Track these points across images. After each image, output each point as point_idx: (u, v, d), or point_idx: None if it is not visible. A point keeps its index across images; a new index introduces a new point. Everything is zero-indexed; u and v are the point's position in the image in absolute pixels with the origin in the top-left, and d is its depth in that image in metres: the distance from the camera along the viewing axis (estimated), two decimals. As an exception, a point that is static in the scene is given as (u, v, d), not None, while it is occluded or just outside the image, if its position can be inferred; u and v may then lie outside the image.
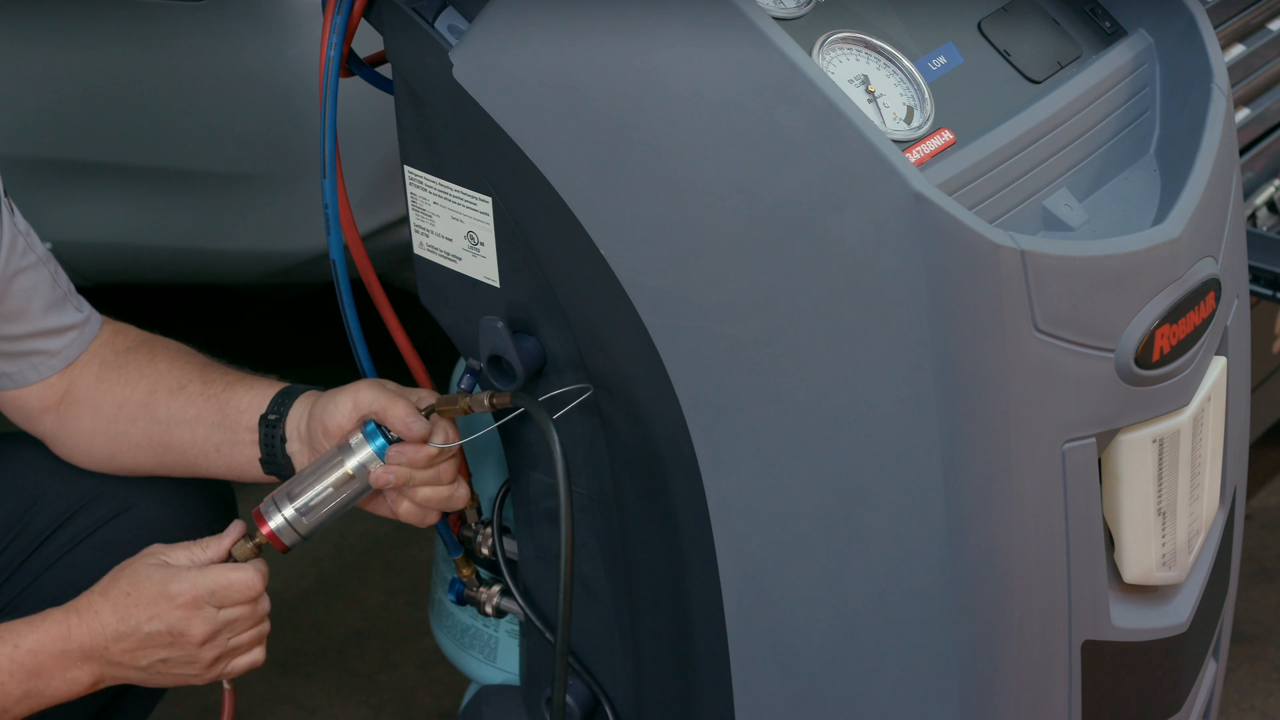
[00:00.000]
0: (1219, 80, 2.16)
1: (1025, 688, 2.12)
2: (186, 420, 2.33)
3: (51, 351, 2.35)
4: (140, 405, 2.35)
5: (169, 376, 2.35)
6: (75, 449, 2.40)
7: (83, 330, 2.37)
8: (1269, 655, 3.16)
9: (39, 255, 2.33)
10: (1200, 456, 2.18)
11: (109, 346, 2.38)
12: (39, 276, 2.32)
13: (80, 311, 2.38)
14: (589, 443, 2.19)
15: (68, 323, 2.36)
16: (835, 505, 2.06)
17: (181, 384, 2.34)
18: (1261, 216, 2.82)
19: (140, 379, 2.35)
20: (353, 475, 2.20)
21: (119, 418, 2.36)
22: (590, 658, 2.32)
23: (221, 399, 2.32)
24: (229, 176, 3.05)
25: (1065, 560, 2.08)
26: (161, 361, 2.36)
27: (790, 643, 2.15)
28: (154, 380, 2.35)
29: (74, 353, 2.36)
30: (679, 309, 2.04)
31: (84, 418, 2.37)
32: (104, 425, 2.37)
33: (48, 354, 2.35)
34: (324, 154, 2.15)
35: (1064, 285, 1.98)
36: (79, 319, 2.37)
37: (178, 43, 2.98)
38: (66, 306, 2.36)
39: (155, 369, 2.36)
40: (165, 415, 2.34)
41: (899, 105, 2.05)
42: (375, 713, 3.09)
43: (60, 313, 2.35)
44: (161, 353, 2.38)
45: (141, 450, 2.37)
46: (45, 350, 2.35)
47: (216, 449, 2.32)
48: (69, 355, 2.36)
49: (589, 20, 2.00)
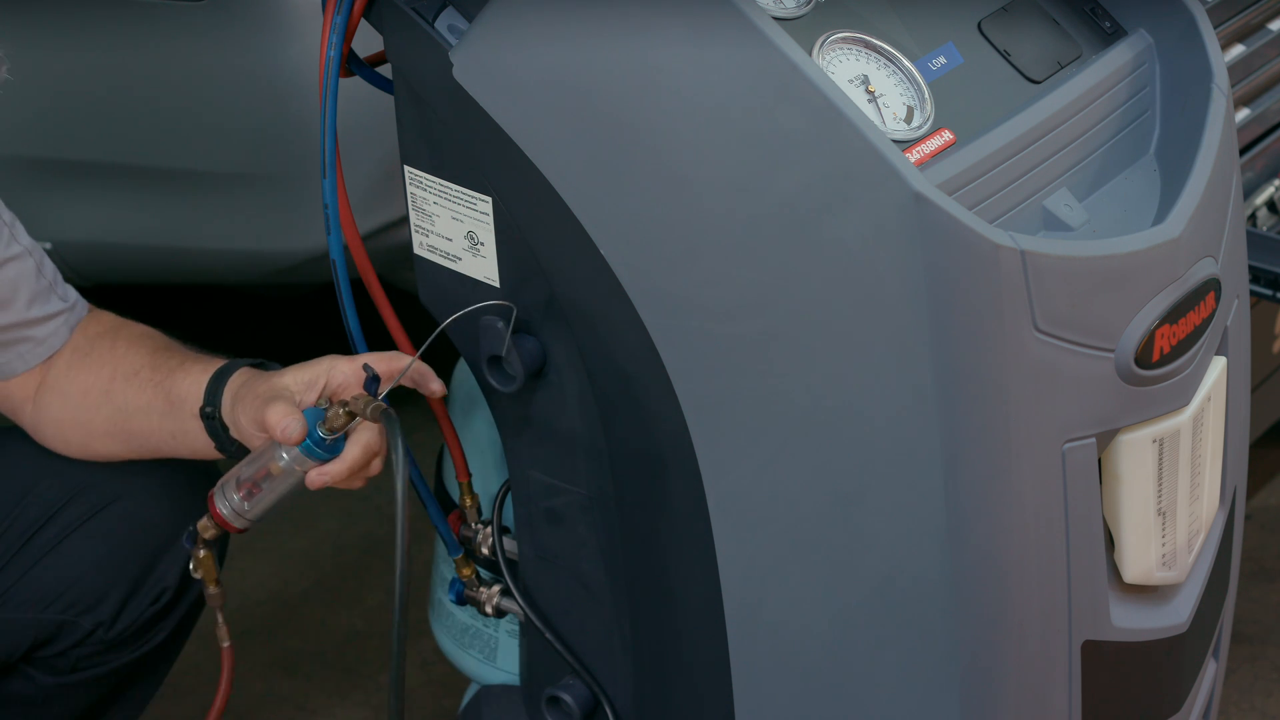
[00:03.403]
0: (1219, 80, 2.16)
1: (1025, 688, 2.12)
2: (140, 408, 2.33)
3: (37, 339, 2.36)
4: (102, 393, 2.35)
5: (125, 362, 2.35)
6: (53, 437, 2.41)
7: (69, 316, 2.38)
8: (1269, 655, 3.16)
9: (24, 246, 2.33)
10: (1200, 456, 2.18)
11: (81, 333, 2.39)
12: (23, 267, 2.33)
13: (65, 300, 2.38)
14: (589, 443, 2.19)
15: (52, 310, 2.36)
16: (835, 505, 2.06)
17: (135, 369, 2.34)
18: (1261, 216, 2.82)
19: (103, 366, 2.36)
20: (284, 472, 2.19)
21: (84, 405, 2.36)
22: (590, 658, 2.32)
23: (166, 387, 2.31)
24: (229, 176, 3.05)
25: (1065, 560, 2.08)
26: (121, 346, 2.37)
27: (790, 642, 2.15)
28: (114, 366, 2.35)
29: (58, 341, 2.37)
30: (679, 309, 2.04)
31: (55, 405, 2.38)
32: (72, 413, 2.37)
33: (34, 341, 2.36)
34: (324, 154, 2.15)
35: (1064, 285, 1.98)
36: (63, 306, 2.38)
37: (178, 43, 2.98)
38: (51, 297, 2.36)
39: (115, 354, 2.36)
40: (123, 403, 2.34)
41: (899, 105, 2.05)
42: (375, 713, 3.09)
43: (44, 303, 2.36)
44: (124, 337, 2.38)
45: (110, 437, 2.37)
46: (31, 338, 2.36)
47: (173, 435, 2.33)
48: (54, 344, 2.37)
49: (589, 20, 2.00)
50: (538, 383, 2.19)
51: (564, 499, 2.25)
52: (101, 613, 2.43)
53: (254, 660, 3.15)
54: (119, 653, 2.47)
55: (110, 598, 2.43)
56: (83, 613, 2.43)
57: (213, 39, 2.95)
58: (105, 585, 2.43)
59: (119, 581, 2.43)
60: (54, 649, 2.45)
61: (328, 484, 2.17)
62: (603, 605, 2.28)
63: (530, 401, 2.21)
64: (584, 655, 2.33)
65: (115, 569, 2.43)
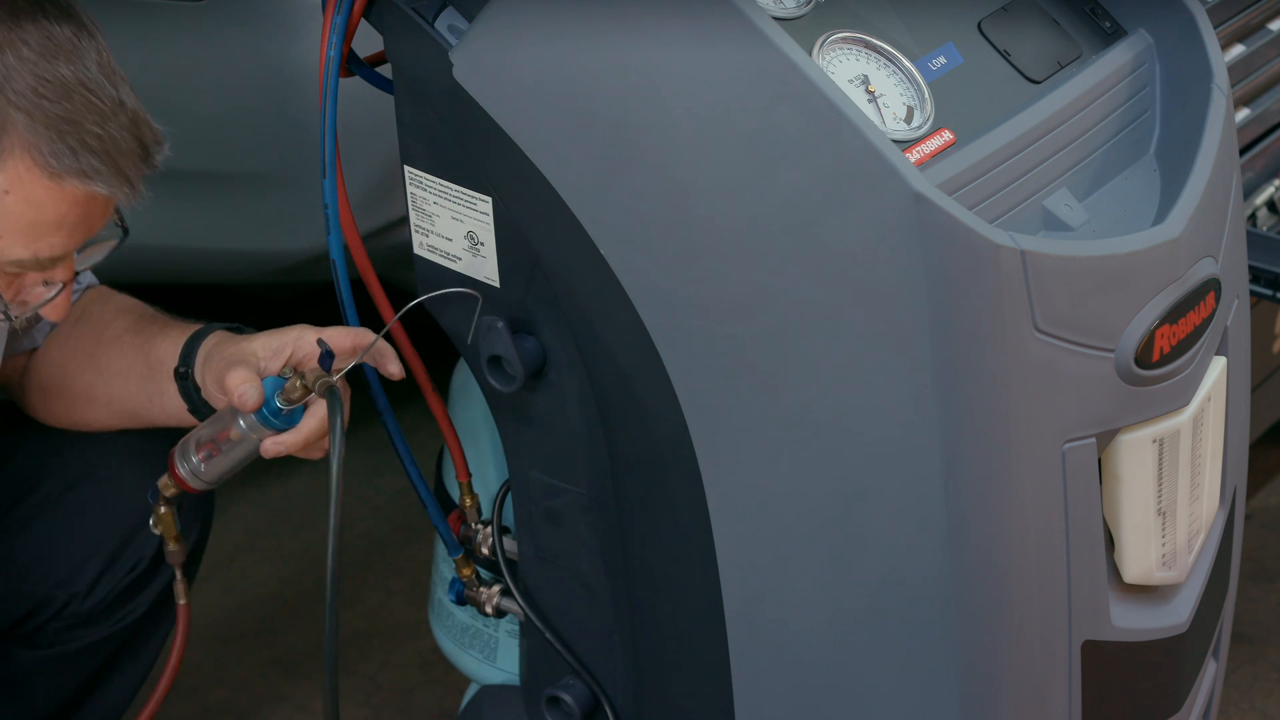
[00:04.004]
0: (1219, 80, 2.16)
1: (1025, 688, 2.12)
2: (121, 372, 2.34)
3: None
4: (87, 356, 2.36)
5: (110, 327, 2.36)
6: (39, 405, 2.42)
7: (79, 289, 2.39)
8: (1269, 655, 3.16)
9: None
10: (1200, 456, 2.18)
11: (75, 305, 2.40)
12: None
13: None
14: (589, 443, 2.19)
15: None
16: (835, 505, 2.06)
17: (118, 334, 2.35)
18: (1261, 216, 2.82)
19: (89, 330, 2.37)
20: (241, 438, 2.19)
21: (69, 370, 2.37)
22: (590, 658, 2.32)
23: (146, 350, 2.32)
24: (229, 176, 3.05)
25: (1065, 560, 2.08)
26: (108, 313, 2.37)
27: (790, 642, 2.15)
28: (98, 331, 2.36)
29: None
30: (679, 309, 2.04)
31: (42, 370, 2.39)
32: (58, 378, 2.38)
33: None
34: (324, 154, 2.15)
35: (1064, 285, 1.98)
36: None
37: (178, 43, 2.98)
38: None
39: (101, 320, 2.37)
40: (105, 365, 2.35)
41: (899, 105, 2.05)
42: (375, 713, 3.09)
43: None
44: (111, 304, 2.39)
45: (92, 404, 2.38)
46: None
47: (150, 399, 2.33)
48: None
49: (589, 20, 2.00)
50: (538, 383, 2.19)
51: (564, 499, 2.25)
52: (76, 584, 2.43)
53: (254, 660, 3.15)
54: (96, 627, 2.47)
55: (86, 570, 2.43)
56: (56, 585, 2.43)
57: (213, 39, 2.95)
58: (81, 558, 2.43)
59: (95, 554, 2.43)
60: (32, 624, 2.46)
61: (282, 453, 2.16)
62: (603, 605, 2.28)
63: (530, 401, 2.21)
64: (584, 655, 2.33)
65: (91, 542, 2.43)
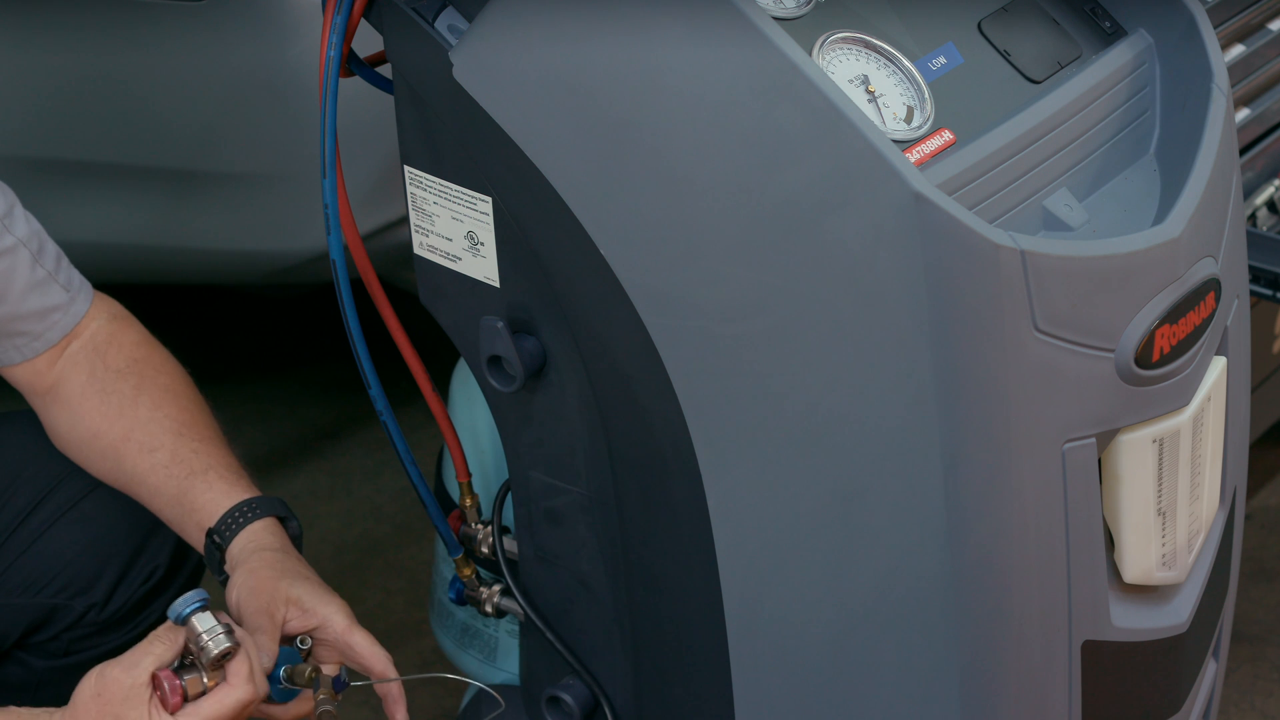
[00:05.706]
0: (1219, 80, 2.16)
1: (1025, 688, 2.12)
2: (149, 486, 2.34)
3: (34, 334, 2.36)
4: (111, 448, 2.35)
5: (144, 430, 2.35)
6: (56, 439, 2.42)
7: (66, 312, 2.37)
8: (1269, 655, 3.16)
9: (18, 237, 2.32)
10: (1200, 456, 2.18)
11: (101, 358, 2.38)
12: (17, 259, 2.32)
13: (66, 291, 2.38)
14: (589, 443, 2.19)
15: (50, 304, 2.36)
16: (835, 505, 2.06)
17: (153, 446, 2.34)
18: (1261, 216, 2.82)
19: (119, 418, 2.35)
20: None
21: (92, 446, 2.37)
22: (590, 657, 2.32)
23: (183, 487, 2.32)
24: (229, 176, 3.05)
25: (1065, 560, 2.08)
26: (144, 408, 2.35)
27: (790, 642, 2.15)
28: (130, 427, 2.35)
29: (56, 335, 2.37)
30: (679, 309, 2.04)
31: (63, 420, 2.39)
32: (78, 443, 2.38)
33: (30, 335, 2.36)
34: (324, 154, 2.15)
35: (1064, 285, 1.98)
36: (63, 299, 2.37)
37: (178, 43, 2.98)
38: (50, 287, 2.36)
39: (136, 415, 2.35)
40: (132, 470, 2.35)
41: (899, 105, 2.05)
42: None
43: (42, 294, 2.35)
44: (148, 391, 2.37)
45: (110, 481, 2.39)
46: (26, 332, 2.36)
47: (172, 523, 2.35)
48: (51, 338, 2.37)
49: (589, 20, 2.00)
50: (538, 383, 2.19)
51: (564, 499, 2.25)
52: (94, 594, 2.44)
53: (254, 660, 3.15)
54: (113, 634, 2.48)
55: (102, 579, 2.43)
56: (75, 595, 2.44)
57: (213, 39, 2.95)
58: (97, 567, 2.43)
59: (110, 563, 2.44)
60: (47, 633, 2.46)
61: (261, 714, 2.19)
62: (603, 605, 2.28)
63: (530, 401, 2.21)
64: (584, 655, 2.33)
65: (106, 551, 2.44)
